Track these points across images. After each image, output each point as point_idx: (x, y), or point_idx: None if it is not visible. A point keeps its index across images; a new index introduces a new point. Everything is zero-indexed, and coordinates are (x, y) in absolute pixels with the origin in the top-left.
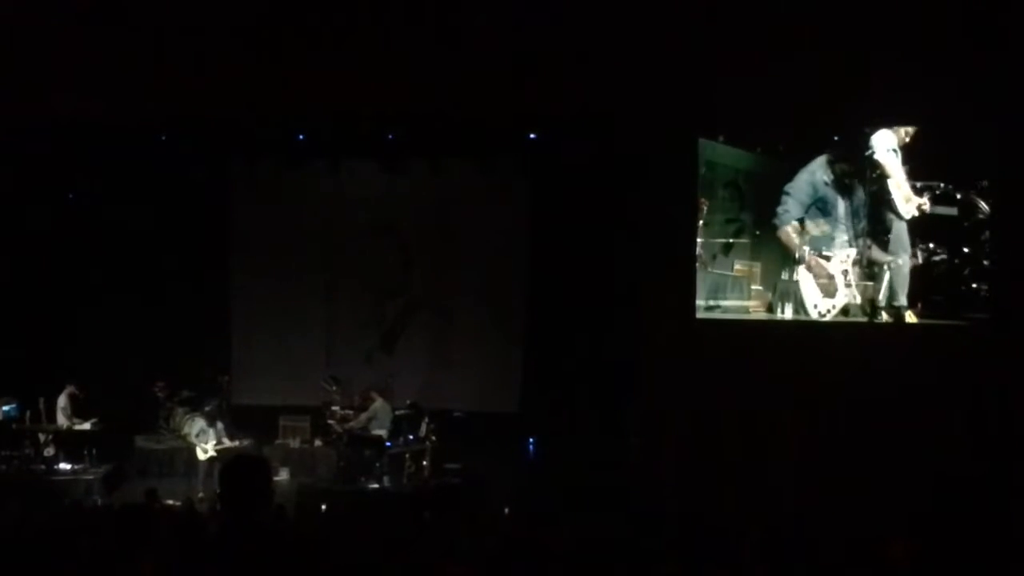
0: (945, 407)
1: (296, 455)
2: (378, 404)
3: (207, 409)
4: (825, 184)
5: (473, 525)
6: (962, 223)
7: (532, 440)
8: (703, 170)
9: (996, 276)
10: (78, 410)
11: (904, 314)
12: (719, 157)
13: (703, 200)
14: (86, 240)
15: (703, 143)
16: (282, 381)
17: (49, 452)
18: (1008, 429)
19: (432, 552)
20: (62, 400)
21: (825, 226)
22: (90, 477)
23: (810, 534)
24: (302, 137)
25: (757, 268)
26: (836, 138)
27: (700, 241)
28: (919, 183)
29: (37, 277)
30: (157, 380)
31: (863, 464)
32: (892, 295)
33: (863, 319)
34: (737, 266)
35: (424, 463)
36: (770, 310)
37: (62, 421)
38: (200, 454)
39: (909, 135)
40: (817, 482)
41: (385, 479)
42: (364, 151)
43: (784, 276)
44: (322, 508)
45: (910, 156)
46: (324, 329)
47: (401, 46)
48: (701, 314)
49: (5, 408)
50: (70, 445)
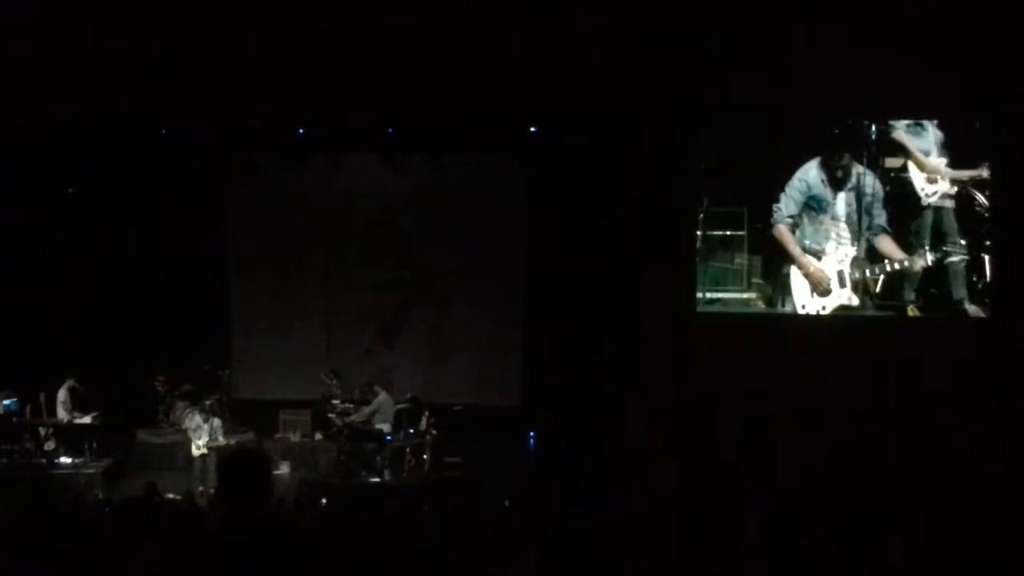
0: (948, 403)
1: (296, 449)
2: (382, 397)
3: (208, 403)
4: (821, 182)
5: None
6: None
7: (532, 434)
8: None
9: (999, 269)
10: (78, 404)
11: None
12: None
13: (703, 194)
14: (86, 235)
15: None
16: (282, 375)
17: (50, 446)
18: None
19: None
20: (62, 394)
21: (819, 225)
22: (91, 471)
23: (809, 528)
24: (301, 132)
25: (758, 261)
26: (836, 131)
27: (699, 233)
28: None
29: (37, 271)
30: (157, 374)
31: (864, 460)
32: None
33: (872, 312)
34: (737, 259)
35: (424, 457)
36: (770, 304)
37: (62, 415)
38: (193, 450)
39: None
40: (817, 478)
41: (385, 473)
42: (363, 145)
43: (784, 271)
44: (322, 502)
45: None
46: (324, 323)
47: (400, 40)
48: (702, 307)
49: (5, 402)
50: (70, 439)
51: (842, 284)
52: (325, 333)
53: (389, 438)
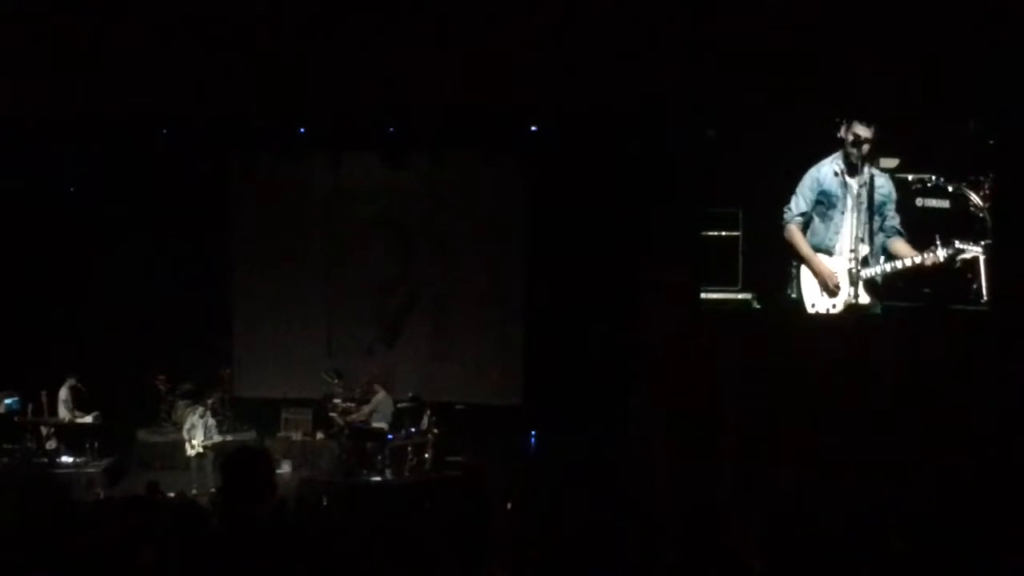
0: (950, 402)
1: (298, 448)
2: (380, 396)
3: (209, 402)
4: (834, 175)
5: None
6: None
7: (533, 433)
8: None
9: (996, 267)
10: (79, 403)
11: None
12: None
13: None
14: (87, 233)
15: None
16: (283, 374)
17: (51, 445)
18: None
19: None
20: (63, 393)
21: (830, 222)
22: (92, 470)
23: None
24: (303, 131)
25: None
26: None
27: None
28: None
29: (38, 270)
30: (158, 373)
31: (864, 459)
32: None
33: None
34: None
35: (426, 456)
36: (772, 303)
37: (64, 414)
38: (188, 450)
39: None
40: (818, 475)
41: (387, 472)
42: (364, 144)
43: (793, 270)
44: (323, 501)
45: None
46: (325, 322)
47: (402, 38)
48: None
49: (7, 401)
50: (72, 438)
51: (852, 283)
52: (326, 332)
53: (391, 437)
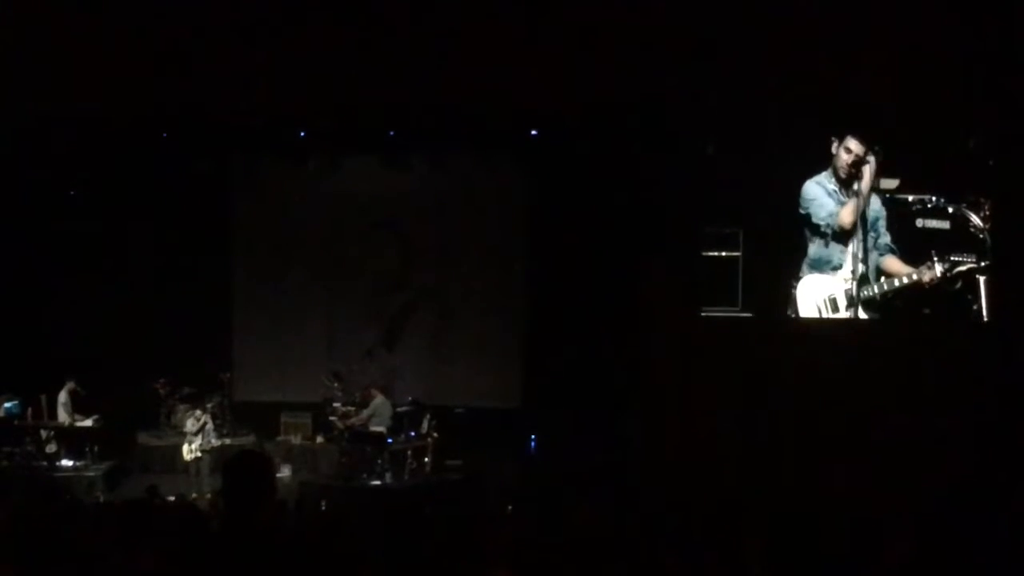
0: (948, 405)
1: (298, 452)
2: (378, 400)
3: (209, 406)
4: (827, 196)
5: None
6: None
7: (533, 437)
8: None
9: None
10: (79, 406)
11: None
12: None
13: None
14: (87, 237)
15: None
16: (283, 377)
17: (51, 449)
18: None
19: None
20: (63, 396)
21: (825, 240)
22: (92, 474)
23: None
24: (303, 134)
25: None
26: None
27: None
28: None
29: (39, 274)
30: (159, 377)
31: (865, 461)
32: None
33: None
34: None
35: (426, 459)
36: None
37: (63, 417)
38: (185, 454)
39: None
40: (817, 479)
41: (387, 475)
42: (365, 147)
43: (791, 290)
44: (323, 505)
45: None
46: (325, 325)
47: (401, 42)
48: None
49: (7, 405)
50: (72, 442)
51: (850, 303)
52: (326, 335)
53: (390, 440)
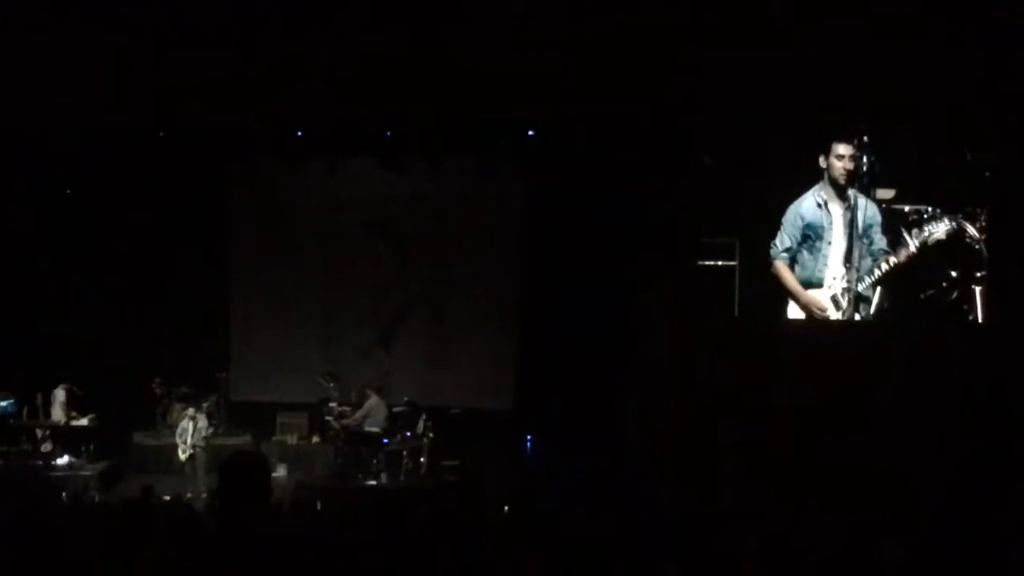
0: (946, 406)
1: (293, 452)
2: (372, 401)
3: (205, 405)
4: (817, 207)
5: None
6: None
7: (529, 438)
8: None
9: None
10: (75, 406)
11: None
12: None
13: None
14: (84, 236)
15: None
16: (280, 378)
17: (46, 448)
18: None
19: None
20: (61, 395)
21: (817, 253)
22: (87, 473)
23: (806, 535)
24: (300, 134)
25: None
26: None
27: None
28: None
29: (35, 273)
30: (155, 376)
31: (861, 464)
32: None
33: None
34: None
35: (421, 460)
36: None
37: (60, 416)
38: (180, 453)
39: None
40: (815, 481)
41: (382, 476)
42: (362, 149)
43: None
44: (318, 505)
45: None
46: (322, 326)
47: (398, 43)
48: None
49: (2, 404)
50: (67, 441)
51: (837, 308)
52: (323, 336)
53: (386, 441)
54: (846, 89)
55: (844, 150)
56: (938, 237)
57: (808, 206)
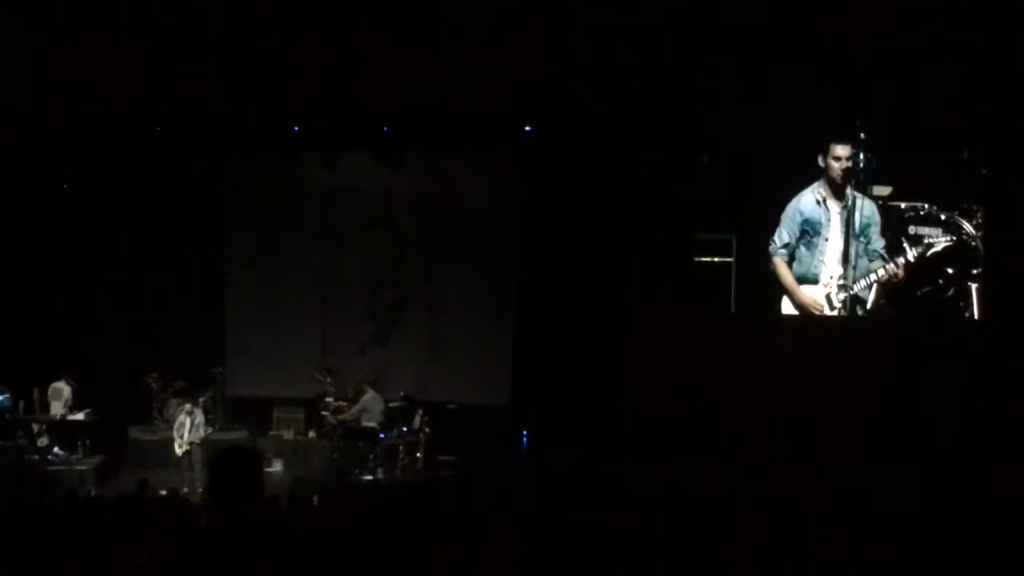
0: (945, 403)
1: (290, 447)
2: (369, 396)
3: (201, 400)
4: (816, 204)
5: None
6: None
7: (526, 433)
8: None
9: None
10: (72, 400)
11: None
12: None
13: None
14: (81, 233)
15: None
16: (276, 373)
17: (43, 442)
18: (999, 428)
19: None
20: (66, 391)
21: (815, 249)
22: (84, 467)
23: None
24: (296, 129)
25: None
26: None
27: None
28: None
29: (32, 269)
30: (151, 371)
31: (857, 459)
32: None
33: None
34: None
35: (418, 455)
36: None
37: (59, 410)
38: (176, 448)
39: None
40: (812, 478)
41: (379, 471)
42: (359, 144)
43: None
44: (315, 500)
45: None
46: (318, 321)
47: (395, 38)
48: None
49: None
50: (64, 435)
51: (831, 306)
52: (319, 331)
53: (383, 436)
54: (846, 89)
55: (842, 151)
56: (936, 251)
57: (807, 202)
